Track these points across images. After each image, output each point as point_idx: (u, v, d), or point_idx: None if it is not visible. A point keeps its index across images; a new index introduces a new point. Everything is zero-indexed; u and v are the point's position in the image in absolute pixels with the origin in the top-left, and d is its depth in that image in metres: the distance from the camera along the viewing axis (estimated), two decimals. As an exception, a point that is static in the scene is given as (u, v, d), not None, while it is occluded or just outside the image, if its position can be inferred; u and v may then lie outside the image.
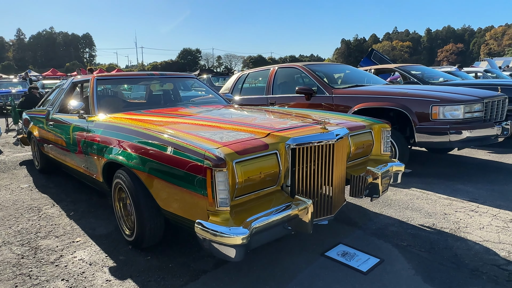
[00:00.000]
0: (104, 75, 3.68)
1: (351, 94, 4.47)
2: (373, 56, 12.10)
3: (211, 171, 1.78)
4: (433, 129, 3.76)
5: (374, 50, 12.47)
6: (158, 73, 3.93)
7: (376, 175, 2.56)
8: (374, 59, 12.03)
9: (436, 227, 2.78)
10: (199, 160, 1.86)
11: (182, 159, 1.95)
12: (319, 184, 2.29)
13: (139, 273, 2.21)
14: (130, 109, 3.38)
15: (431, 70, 7.61)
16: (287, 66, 5.53)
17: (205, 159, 1.82)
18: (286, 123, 2.49)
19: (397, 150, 4.04)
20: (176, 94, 4.11)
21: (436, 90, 4.12)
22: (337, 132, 2.33)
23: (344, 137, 2.44)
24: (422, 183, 3.91)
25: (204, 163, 1.82)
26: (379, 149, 2.97)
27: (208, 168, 1.80)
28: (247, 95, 5.98)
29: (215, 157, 1.79)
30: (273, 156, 2.10)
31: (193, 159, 1.89)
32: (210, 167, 1.78)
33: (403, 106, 3.94)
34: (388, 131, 2.96)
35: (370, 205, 3.28)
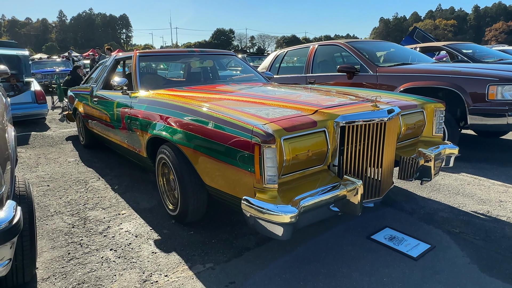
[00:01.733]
0: (146, 52, 3.69)
1: (397, 72, 4.23)
2: (415, 35, 11.45)
3: (259, 147, 1.73)
4: (489, 110, 3.49)
5: (418, 28, 11.78)
6: (198, 50, 3.89)
7: (428, 157, 2.41)
8: (416, 38, 11.37)
9: (492, 215, 2.60)
10: (246, 136, 1.81)
11: (229, 135, 1.91)
12: (368, 164, 2.18)
13: (183, 247, 2.24)
14: (171, 86, 3.38)
15: (484, 49, 7.06)
16: (328, 43, 5.32)
17: (253, 135, 1.77)
18: (334, 100, 2.37)
19: (446, 133, 3.80)
20: (215, 72, 4.07)
21: (493, 69, 3.80)
22: (389, 110, 2.20)
23: (396, 115, 2.30)
24: (473, 168, 3.67)
25: (252, 139, 1.77)
26: (431, 130, 2.79)
27: (256, 144, 1.74)
28: (285, 74, 5.85)
29: (264, 133, 1.73)
30: (321, 134, 2.01)
31: (240, 134, 1.85)
32: (259, 143, 1.73)
33: (455, 85, 3.67)
34: (441, 111, 2.76)
35: (416, 189, 3.12)
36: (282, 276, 1.91)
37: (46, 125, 6.99)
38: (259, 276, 1.92)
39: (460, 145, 4.56)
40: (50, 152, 4.76)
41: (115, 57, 4.17)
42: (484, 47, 7.28)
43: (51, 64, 16.75)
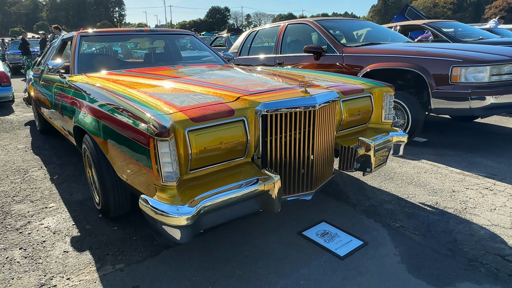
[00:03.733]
0: (90, 32, 3.43)
1: (363, 53, 4.00)
2: (407, 12, 11.07)
3: (153, 140, 1.54)
4: (452, 94, 3.29)
5: (409, 6, 11.39)
6: (148, 29, 3.63)
7: (369, 146, 2.23)
8: (408, 16, 11.00)
9: (439, 207, 2.45)
10: (143, 127, 1.61)
11: (130, 126, 1.72)
12: (297, 156, 2.00)
13: (99, 245, 2.08)
14: (113, 69, 3.15)
15: (467, 27, 6.78)
16: (298, 22, 5.04)
17: (149, 127, 1.58)
18: (265, 85, 2.17)
19: (410, 118, 3.62)
20: (168, 53, 3.82)
21: (461, 49, 3.58)
22: (320, 97, 2.00)
23: (332, 102, 2.11)
24: (435, 155, 3.50)
25: (147, 131, 1.58)
26: (380, 117, 2.60)
27: (151, 137, 1.56)
28: (255, 55, 5.59)
29: (157, 125, 1.54)
30: (239, 124, 1.82)
31: (138, 126, 1.65)
32: (153, 136, 1.54)
33: (418, 66, 3.46)
34: (390, 95, 2.57)
35: (369, 178, 2.97)
36: (192, 279, 1.77)
37: (11, 108, 6.75)
38: (167, 279, 1.77)
39: (430, 129, 4.40)
40: (2, 138, 4.55)
41: (62, 37, 3.90)
42: (468, 26, 7.00)
43: (34, 44, 16.23)
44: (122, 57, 3.73)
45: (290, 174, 2.02)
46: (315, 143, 2.03)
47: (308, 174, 2.07)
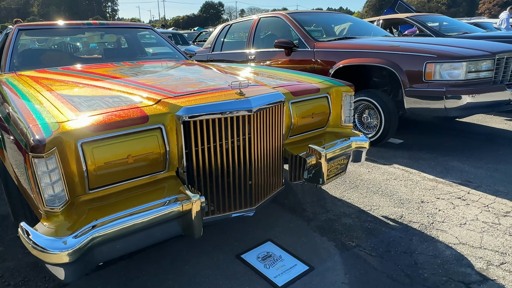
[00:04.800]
0: (30, 24, 3.11)
1: (335, 48, 3.71)
2: (397, 7, 10.78)
3: (28, 157, 1.25)
4: (426, 92, 3.02)
5: (399, 0, 11.13)
6: (96, 22, 3.31)
7: (320, 155, 1.94)
8: (398, 10, 10.74)
9: (404, 221, 2.19)
10: (22, 140, 1.32)
11: (14, 136, 1.42)
12: (231, 168, 1.72)
13: (3, 273, 1.79)
14: (51, 66, 2.83)
15: (453, 21, 6.52)
16: (270, 15, 4.73)
17: (26, 139, 1.28)
18: (197, 86, 1.87)
19: (382, 118, 3.34)
20: (121, 49, 3.51)
21: (437, 43, 3.30)
22: (257, 100, 1.71)
23: (275, 104, 1.82)
24: (409, 158, 3.24)
25: (24, 145, 1.28)
26: (339, 119, 2.32)
27: (26, 153, 1.26)
28: (228, 50, 5.28)
29: (33, 138, 1.24)
30: (155, 133, 1.54)
31: (18, 137, 1.36)
32: (27, 152, 1.25)
33: (391, 63, 3.18)
34: (350, 96, 2.29)
35: (331, 187, 2.69)
36: (95, 319, 1.48)
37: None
38: (66, 319, 1.49)
39: (408, 129, 4.13)
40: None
41: (6, 32, 3.57)
42: (454, 20, 6.73)
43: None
44: (67, 54, 3.41)
45: (223, 189, 1.74)
46: (253, 153, 1.75)
47: (247, 189, 1.79)
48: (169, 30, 16.50)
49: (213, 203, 1.73)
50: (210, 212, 1.73)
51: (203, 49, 5.90)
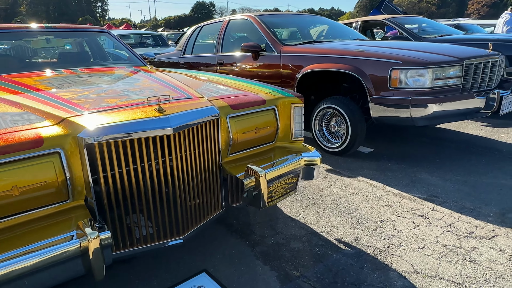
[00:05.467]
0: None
1: (301, 52, 3.52)
2: (383, 7, 10.66)
3: None
4: (391, 100, 2.84)
5: (385, 1, 11.01)
6: (43, 26, 3.08)
7: (258, 176, 1.75)
8: (384, 11, 10.63)
9: (358, 244, 2.00)
10: None
11: None
12: (149, 195, 1.51)
13: None
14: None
15: (432, 23, 6.39)
16: (239, 17, 4.53)
17: None
18: (116, 100, 1.66)
19: (349, 127, 3.16)
20: (69, 54, 3.28)
21: (404, 48, 3.13)
22: (178, 118, 1.51)
23: (204, 122, 1.62)
24: (376, 169, 3.06)
25: None
26: (289, 133, 2.13)
27: None
28: (198, 53, 5.08)
29: None
30: (51, 158, 1.33)
31: None
32: None
33: (356, 69, 3.00)
34: (300, 108, 2.10)
35: (287, 204, 2.50)
36: None
37: None
38: None
39: (381, 135, 3.96)
40: None
41: None
42: (432, 21, 6.60)
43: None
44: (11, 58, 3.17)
45: (142, 217, 1.53)
46: (177, 176, 1.54)
47: (172, 216, 1.59)
48: (144, 31, 16.12)
49: (130, 234, 1.53)
50: (127, 244, 1.52)
51: (175, 52, 5.69)
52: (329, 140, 3.47)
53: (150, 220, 1.55)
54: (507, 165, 3.09)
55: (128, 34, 10.00)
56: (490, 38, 4.74)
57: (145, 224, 1.54)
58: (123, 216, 1.49)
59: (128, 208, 1.49)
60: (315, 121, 3.50)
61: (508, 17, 7.66)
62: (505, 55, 4.33)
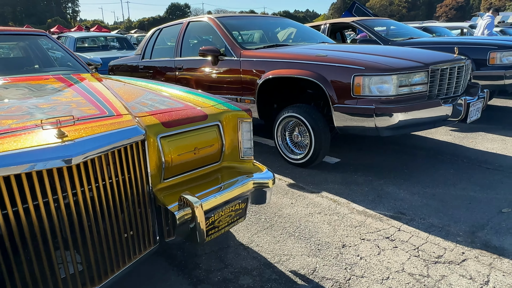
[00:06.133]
0: None
1: (262, 57, 3.28)
2: (355, 10, 10.65)
3: None
4: (355, 109, 2.64)
5: (357, 3, 10.99)
6: (-36, 29, 2.70)
7: (192, 207, 1.47)
8: (356, 13, 10.61)
9: (315, 277, 1.77)
10: None
11: None
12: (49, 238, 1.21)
13: None
14: None
15: (400, 26, 6.33)
16: (198, 19, 4.25)
17: None
18: (12, 122, 1.35)
19: (312, 137, 2.95)
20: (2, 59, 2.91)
21: (368, 53, 2.94)
22: (83, 144, 1.22)
23: (122, 146, 1.34)
24: (341, 183, 2.85)
25: None
26: (237, 152, 1.87)
27: None
28: (157, 58, 4.76)
29: None
30: None
31: None
32: None
33: (317, 75, 2.79)
34: (248, 124, 1.85)
35: (242, 227, 2.24)
36: None
37: None
38: None
39: (350, 143, 3.76)
40: None
41: None
42: (401, 24, 6.55)
43: None
44: None
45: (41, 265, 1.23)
46: (85, 214, 1.25)
47: (83, 262, 1.29)
48: (111, 33, 15.50)
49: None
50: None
51: (134, 56, 5.34)
52: (292, 151, 3.24)
53: (52, 269, 1.25)
54: (476, 174, 2.95)
55: (90, 37, 9.50)
56: (457, 41, 4.67)
57: (47, 273, 1.24)
58: (13, 264, 1.18)
59: (20, 254, 1.18)
60: (277, 131, 3.27)
61: (489, 20, 7.65)
62: (471, 58, 4.26)
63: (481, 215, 2.31)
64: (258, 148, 3.82)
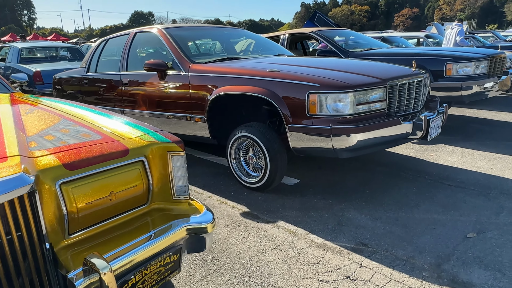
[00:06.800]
0: None
1: (211, 72, 3.01)
2: (316, 19, 10.69)
3: None
4: (310, 130, 2.42)
5: (318, 13, 11.04)
6: None
7: (99, 272, 1.16)
8: (317, 23, 10.65)
9: (265, 337, 1.49)
10: None
11: None
12: None
13: None
14: None
15: (359, 36, 6.30)
16: (145, 30, 3.92)
17: None
18: None
19: (267, 158, 2.69)
20: None
21: (324, 67, 2.75)
22: None
23: None
24: (300, 209, 2.62)
25: None
26: (169, 191, 1.57)
27: None
28: (102, 72, 4.36)
29: None
30: None
31: None
32: None
33: (270, 92, 2.55)
34: (180, 158, 1.55)
35: (184, 272, 1.93)
36: None
37: None
38: None
39: (308, 162, 3.52)
40: None
41: None
42: (359, 34, 6.53)
43: None
44: None
45: None
46: None
47: None
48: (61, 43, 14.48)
49: None
50: None
51: (79, 69, 4.90)
52: (248, 174, 2.98)
53: None
54: (438, 193, 2.82)
55: (37, 47, 8.84)
56: (414, 52, 4.64)
57: None
58: None
59: None
60: (231, 152, 3.00)
61: (459, 27, 7.81)
62: (429, 69, 4.22)
63: (446, 242, 2.14)
64: (213, 169, 3.52)
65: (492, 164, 3.42)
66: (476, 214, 2.47)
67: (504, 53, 4.71)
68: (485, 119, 5.37)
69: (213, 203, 2.76)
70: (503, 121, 5.18)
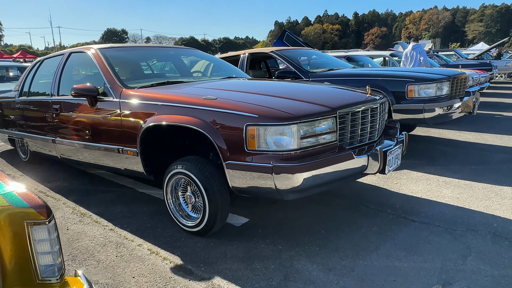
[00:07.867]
0: None
1: (145, 99, 2.63)
2: (285, 38, 10.57)
3: None
4: (250, 167, 2.07)
5: (287, 31, 10.94)
6: None
7: None
8: (286, 41, 10.52)
9: None
10: None
11: None
12: None
13: None
14: None
15: (322, 55, 6.13)
16: (81, 50, 3.51)
17: None
18: None
19: (205, 199, 2.31)
20: None
21: (268, 94, 2.43)
22: None
23: None
24: (243, 258, 2.23)
25: None
26: (30, 272, 1.16)
27: None
28: (34, 97, 3.90)
29: None
30: None
31: None
32: None
33: (203, 124, 2.19)
34: (43, 228, 1.15)
35: None
36: None
37: None
38: None
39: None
40: None
41: None
42: (322, 53, 6.37)
43: None
44: None
45: None
46: None
47: None
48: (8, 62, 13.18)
49: None
50: None
51: (12, 92, 4.41)
52: (188, 215, 2.58)
53: None
54: (401, 231, 2.52)
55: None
56: (375, 73, 4.45)
57: None
58: None
59: None
60: (167, 191, 2.60)
61: (420, 49, 7.69)
62: (390, 91, 4.01)
63: (407, 300, 1.82)
64: (152, 207, 3.09)
65: (457, 193, 3.18)
66: (442, 259, 2.17)
67: (465, 73, 4.60)
68: (450, 139, 5.23)
69: (142, 254, 2.33)
70: (468, 142, 5.05)
